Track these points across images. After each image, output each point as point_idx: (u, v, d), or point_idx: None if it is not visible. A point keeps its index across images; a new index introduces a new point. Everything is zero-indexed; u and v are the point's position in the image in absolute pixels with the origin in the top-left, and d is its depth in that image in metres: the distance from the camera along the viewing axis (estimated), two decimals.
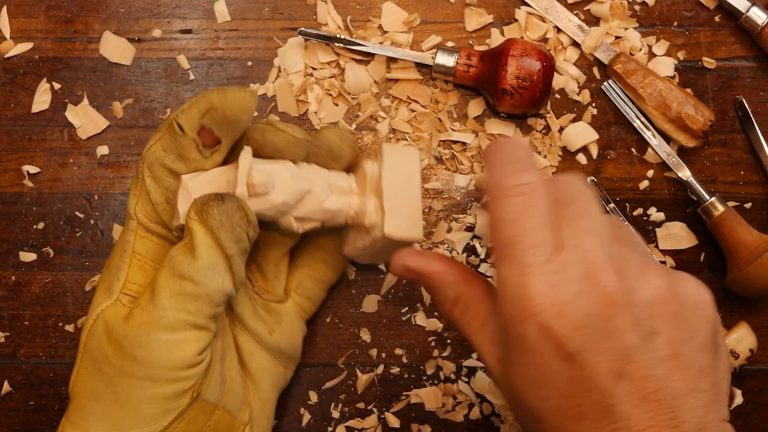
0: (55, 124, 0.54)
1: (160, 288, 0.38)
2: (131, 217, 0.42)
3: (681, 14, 0.55)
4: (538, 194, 0.35)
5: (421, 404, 0.52)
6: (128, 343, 0.38)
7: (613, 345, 0.33)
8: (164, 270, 0.39)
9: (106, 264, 0.43)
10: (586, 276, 0.33)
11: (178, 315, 0.38)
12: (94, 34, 0.55)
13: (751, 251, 0.50)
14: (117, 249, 0.42)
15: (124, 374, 0.38)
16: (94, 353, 0.39)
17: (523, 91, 0.50)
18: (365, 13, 0.55)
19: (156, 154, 0.42)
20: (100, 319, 0.40)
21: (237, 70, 0.54)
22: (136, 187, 0.42)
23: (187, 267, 0.38)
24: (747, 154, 0.54)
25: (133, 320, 0.39)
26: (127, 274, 0.41)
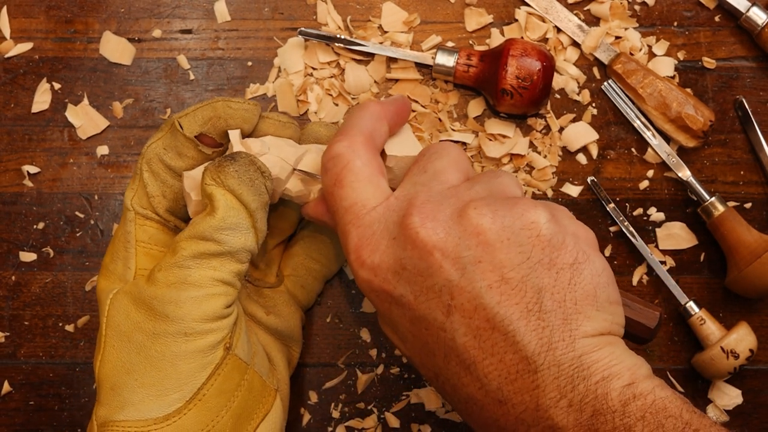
0: (55, 124, 0.54)
1: (182, 249, 0.39)
2: (128, 209, 0.43)
3: (681, 14, 0.55)
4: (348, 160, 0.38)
5: (421, 404, 0.52)
6: (158, 303, 0.39)
7: (435, 281, 0.34)
8: (184, 233, 0.39)
9: (107, 255, 0.43)
10: (399, 221, 0.35)
11: (204, 271, 0.39)
12: (94, 34, 0.55)
13: (751, 251, 0.49)
14: (119, 242, 0.43)
15: (156, 335, 0.39)
16: (121, 326, 0.40)
17: (523, 91, 0.50)
18: (365, 13, 0.55)
19: (156, 151, 0.43)
20: (120, 295, 0.40)
21: (237, 70, 0.54)
22: (134, 182, 0.43)
23: (208, 228, 0.39)
24: (747, 154, 0.54)
25: (158, 282, 0.39)
26: (136, 261, 0.42)
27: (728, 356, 0.49)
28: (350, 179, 0.38)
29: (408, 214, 0.35)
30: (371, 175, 0.38)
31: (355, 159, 0.38)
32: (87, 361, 0.52)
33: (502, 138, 0.53)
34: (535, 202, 0.35)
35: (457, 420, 0.52)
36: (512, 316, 0.32)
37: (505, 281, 0.33)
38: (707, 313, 0.51)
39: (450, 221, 0.34)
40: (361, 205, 0.37)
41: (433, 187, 0.37)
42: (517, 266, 0.33)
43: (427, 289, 0.34)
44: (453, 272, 0.33)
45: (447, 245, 0.34)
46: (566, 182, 0.53)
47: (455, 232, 0.34)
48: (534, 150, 0.54)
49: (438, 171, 0.38)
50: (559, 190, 0.53)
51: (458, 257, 0.33)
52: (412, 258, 0.34)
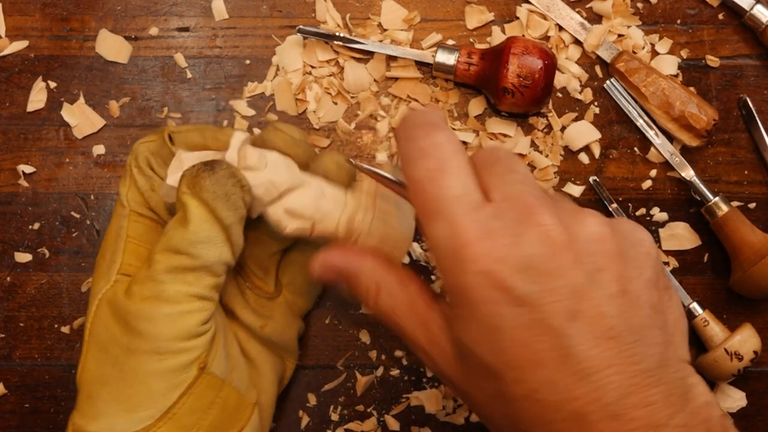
0: (51, 123, 0.53)
1: (157, 263, 0.38)
2: (122, 205, 0.42)
3: (684, 12, 0.55)
4: (454, 150, 0.35)
5: (422, 407, 0.52)
6: (132, 318, 0.38)
7: (562, 284, 0.31)
8: (159, 245, 0.39)
9: (100, 253, 0.43)
10: (522, 219, 0.32)
11: (178, 287, 0.38)
12: (90, 32, 0.54)
13: (756, 251, 0.49)
14: (110, 236, 0.43)
15: (130, 350, 0.38)
16: (101, 336, 0.39)
17: (524, 90, 0.49)
18: (365, 10, 0.54)
19: (144, 153, 0.43)
20: (103, 303, 0.40)
21: (235, 69, 0.54)
22: (125, 178, 0.43)
23: (182, 241, 0.38)
24: (751, 153, 0.54)
25: (133, 296, 0.38)
26: (122, 256, 0.41)
27: (732, 358, 0.49)
28: (457, 167, 0.34)
29: (535, 213, 0.32)
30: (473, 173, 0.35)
31: (459, 150, 0.35)
32: None
33: (504, 137, 0.53)
34: (634, 222, 0.36)
35: (457, 423, 0.51)
36: (632, 328, 0.32)
37: (625, 293, 0.32)
38: (711, 315, 0.51)
39: (572, 226, 0.33)
40: (473, 199, 0.34)
41: (534, 189, 0.34)
42: (634, 280, 0.33)
43: (552, 291, 0.32)
44: (580, 276, 0.32)
45: (575, 248, 0.32)
46: (568, 182, 0.53)
47: (581, 237, 0.33)
48: (535, 149, 0.53)
49: (526, 173, 0.35)
50: (560, 189, 0.53)
51: (584, 262, 0.32)
52: (542, 256, 0.32)
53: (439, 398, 0.51)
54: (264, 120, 0.53)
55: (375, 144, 0.53)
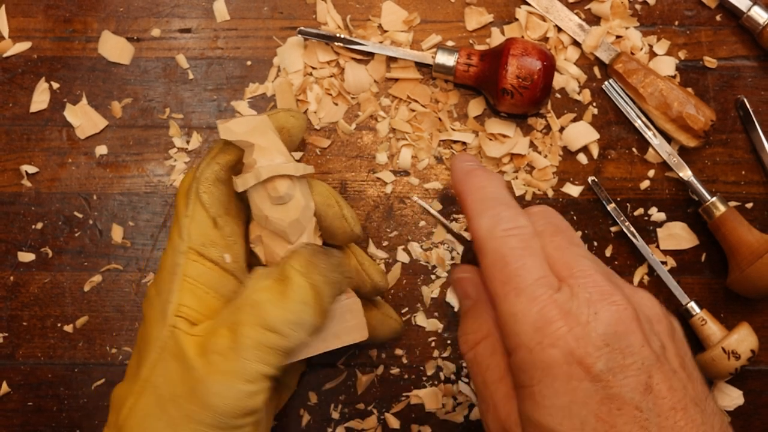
0: (54, 123, 0.53)
1: (245, 338, 0.37)
2: (181, 238, 0.40)
3: (682, 13, 0.55)
4: (533, 234, 0.37)
5: (421, 405, 0.52)
6: (203, 389, 0.37)
7: (636, 360, 0.34)
8: (249, 316, 0.37)
9: (154, 283, 0.40)
10: (597, 299, 0.35)
11: (260, 367, 0.37)
12: (92, 34, 0.54)
13: (753, 251, 0.49)
14: (164, 270, 0.40)
15: (190, 418, 0.37)
16: (162, 389, 0.38)
17: (523, 91, 0.50)
18: (365, 12, 0.55)
19: (208, 181, 0.40)
20: (168, 355, 0.38)
21: (236, 70, 0.54)
22: (187, 208, 0.40)
23: (277, 319, 0.37)
24: (748, 153, 0.54)
25: (212, 366, 0.37)
26: (178, 296, 0.39)
27: (729, 357, 0.49)
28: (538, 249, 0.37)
29: (606, 293, 0.35)
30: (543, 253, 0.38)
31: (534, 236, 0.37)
32: (86, 362, 0.52)
33: (503, 138, 0.53)
34: None
35: (457, 421, 0.52)
36: (697, 398, 0.34)
37: (684, 367, 0.35)
38: (708, 314, 0.51)
39: (635, 306, 0.36)
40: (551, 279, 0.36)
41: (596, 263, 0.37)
42: (685, 355, 0.36)
43: (626, 367, 0.34)
44: (650, 353, 0.34)
45: (643, 327, 0.35)
46: (567, 182, 0.53)
47: (644, 317, 0.36)
48: (534, 150, 0.53)
49: (579, 243, 0.39)
50: (559, 190, 0.53)
51: (651, 340, 0.35)
52: (616, 334, 0.34)
53: (439, 396, 0.52)
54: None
55: (375, 144, 0.54)
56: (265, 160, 0.40)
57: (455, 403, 0.52)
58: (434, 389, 0.52)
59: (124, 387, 0.39)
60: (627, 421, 0.33)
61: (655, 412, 0.33)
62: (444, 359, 0.52)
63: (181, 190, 0.41)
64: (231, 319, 0.38)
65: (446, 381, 0.52)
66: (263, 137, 0.40)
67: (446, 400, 0.52)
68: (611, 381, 0.33)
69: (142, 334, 0.40)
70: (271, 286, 0.38)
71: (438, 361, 0.52)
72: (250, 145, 0.40)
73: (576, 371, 0.34)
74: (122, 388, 0.39)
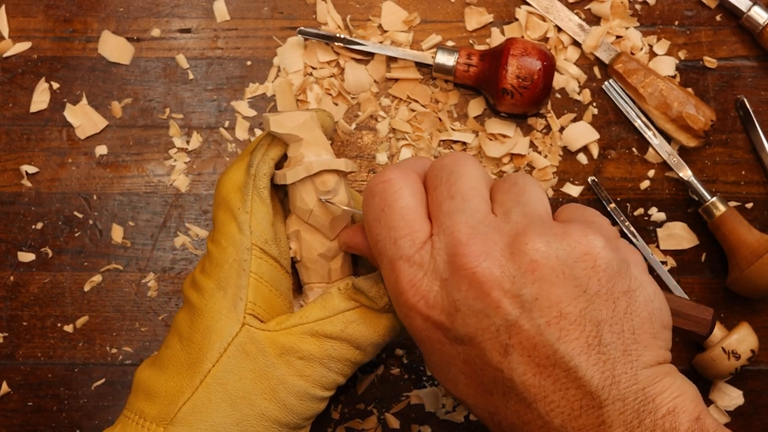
0: (54, 123, 0.53)
1: (333, 350, 0.39)
2: (243, 233, 0.40)
3: (682, 13, 0.55)
4: (399, 186, 0.36)
5: (422, 405, 0.52)
6: (284, 390, 0.38)
7: (493, 321, 0.33)
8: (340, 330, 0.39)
9: (213, 278, 0.40)
10: (451, 260, 0.34)
11: (338, 378, 0.40)
12: (92, 34, 0.54)
13: (753, 251, 0.49)
14: (227, 264, 0.40)
15: (264, 417, 0.38)
16: (231, 386, 0.38)
17: (523, 91, 0.50)
18: (365, 12, 0.55)
19: (265, 175, 0.41)
20: (239, 352, 0.38)
21: (236, 70, 0.54)
22: (245, 204, 0.40)
23: (368, 341, 0.40)
24: (748, 153, 0.54)
25: (294, 369, 0.38)
26: (248, 293, 0.39)
27: (729, 357, 0.49)
28: (400, 206, 0.36)
29: (460, 253, 0.33)
30: (420, 207, 0.36)
31: (406, 187, 0.36)
32: (86, 362, 0.52)
33: (503, 138, 0.53)
34: (586, 227, 0.34)
35: (457, 421, 0.52)
36: (573, 351, 0.32)
37: (564, 316, 0.32)
38: None
39: (503, 257, 0.33)
40: (411, 240, 0.35)
41: (470, 216, 0.35)
42: (574, 300, 0.32)
43: (483, 330, 0.33)
44: (511, 311, 0.32)
45: (504, 283, 0.33)
46: (567, 182, 0.53)
47: (510, 269, 0.33)
48: (534, 150, 0.53)
49: (465, 195, 0.36)
50: (559, 190, 0.53)
51: (515, 295, 0.32)
52: (468, 298, 0.33)
53: (439, 396, 0.52)
54: None
55: (375, 144, 0.54)
56: (312, 155, 0.41)
57: (455, 403, 0.52)
58: (434, 389, 0.52)
59: (172, 378, 0.38)
60: (492, 379, 0.33)
61: (518, 371, 0.32)
62: None
63: (232, 186, 0.41)
64: (316, 329, 0.39)
65: None
66: (311, 133, 0.41)
67: (446, 400, 0.52)
68: (470, 343, 0.33)
69: (199, 325, 0.39)
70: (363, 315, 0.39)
71: None
72: (298, 139, 0.41)
73: (436, 335, 0.35)
74: (169, 379, 0.38)
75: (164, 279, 0.52)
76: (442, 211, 0.35)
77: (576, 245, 0.33)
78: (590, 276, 0.33)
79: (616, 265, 0.33)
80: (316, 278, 0.43)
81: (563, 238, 0.33)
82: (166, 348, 0.40)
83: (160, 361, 0.39)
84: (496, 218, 0.35)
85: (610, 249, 0.33)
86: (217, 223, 0.41)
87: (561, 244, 0.33)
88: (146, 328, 0.52)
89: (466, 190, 0.36)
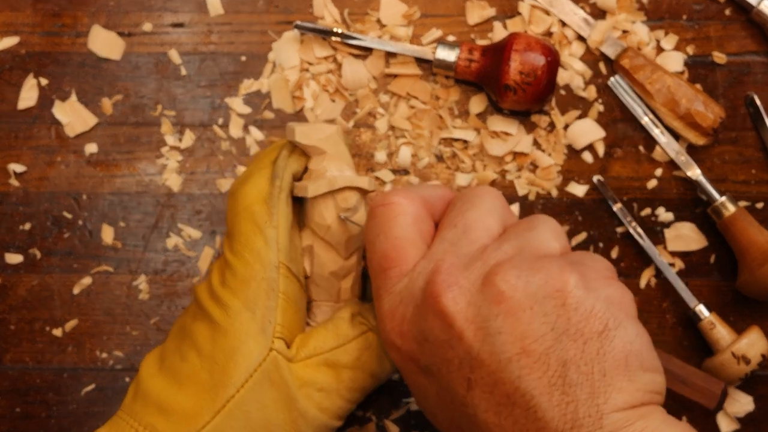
0: (42, 121, 0.52)
1: (350, 380, 0.39)
2: (271, 250, 0.39)
3: (690, 7, 0.54)
4: (398, 213, 0.36)
5: (421, 412, 0.51)
6: (304, 423, 0.38)
7: (455, 354, 0.32)
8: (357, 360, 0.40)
9: (240, 298, 0.39)
10: (425, 287, 0.34)
11: (352, 406, 0.41)
12: (82, 28, 0.53)
13: (763, 252, 0.48)
14: (254, 282, 0.39)
15: None
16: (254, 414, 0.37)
17: (526, 87, 0.49)
18: (363, 6, 0.54)
19: (292, 177, 0.41)
20: (266, 381, 0.38)
21: (230, 65, 0.53)
22: (273, 218, 0.39)
23: (384, 372, 0.41)
24: (758, 152, 0.53)
25: (312, 401, 0.39)
26: (277, 316, 0.39)
27: (739, 361, 0.48)
28: (395, 236, 0.36)
29: (432, 282, 0.33)
30: (417, 238, 0.36)
31: (406, 215, 0.36)
32: (75, 367, 0.51)
33: (505, 135, 0.52)
34: (565, 263, 0.33)
35: None
36: (534, 390, 0.30)
37: (527, 353, 0.31)
38: (717, 317, 0.50)
39: (473, 288, 0.33)
40: (398, 269, 0.35)
41: (462, 247, 0.34)
42: (540, 337, 0.31)
43: (448, 362, 0.32)
44: (473, 344, 0.32)
45: (468, 315, 0.32)
46: (571, 181, 0.52)
47: (477, 301, 0.32)
48: (538, 148, 0.53)
49: (469, 225, 0.35)
50: (564, 189, 0.52)
51: (479, 328, 0.32)
52: (434, 329, 0.33)
53: None
54: (260, 118, 0.53)
55: (374, 142, 0.53)
56: (336, 170, 0.40)
57: None
58: None
59: (191, 397, 0.37)
60: (460, 414, 0.33)
61: (481, 407, 0.32)
62: None
63: (257, 196, 0.40)
64: (332, 359, 0.39)
65: None
66: (335, 147, 0.41)
67: None
68: (436, 375, 0.33)
69: (223, 345, 0.38)
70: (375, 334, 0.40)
71: None
72: (322, 152, 0.41)
73: (410, 366, 0.35)
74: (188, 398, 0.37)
75: (156, 281, 0.52)
76: (439, 237, 0.35)
77: (549, 280, 0.32)
78: (560, 314, 0.32)
79: (590, 303, 0.32)
80: (324, 296, 0.42)
81: (537, 272, 0.32)
82: (183, 361, 0.39)
83: (176, 375, 0.38)
84: (485, 250, 0.34)
85: (584, 288, 0.32)
86: (238, 234, 0.40)
87: (534, 279, 0.32)
88: (137, 332, 0.51)
89: (472, 221, 0.35)
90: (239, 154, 0.52)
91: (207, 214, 0.52)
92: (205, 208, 0.52)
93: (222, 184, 0.52)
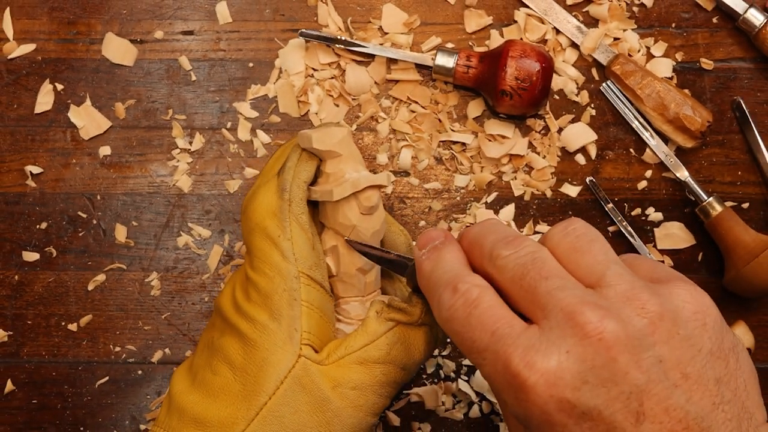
0: (58, 124, 0.54)
1: (382, 375, 0.39)
2: (289, 262, 0.39)
3: (679, 15, 0.55)
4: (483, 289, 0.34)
5: (421, 403, 0.52)
6: (339, 423, 0.38)
7: (622, 389, 0.31)
8: (385, 354, 0.39)
9: (265, 309, 0.39)
10: (568, 331, 0.32)
11: (387, 401, 0.40)
12: (96, 36, 0.55)
13: (749, 251, 0.50)
14: (276, 294, 0.39)
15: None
16: (287, 419, 0.38)
17: (522, 92, 0.50)
18: (365, 14, 0.55)
19: (303, 188, 0.41)
20: (297, 386, 0.38)
21: (238, 72, 0.54)
22: (285, 230, 0.40)
23: (413, 363, 0.40)
24: (744, 154, 0.54)
25: (347, 400, 0.38)
26: (303, 323, 0.39)
27: None
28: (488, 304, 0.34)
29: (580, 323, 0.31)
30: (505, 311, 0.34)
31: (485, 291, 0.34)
32: (89, 360, 0.52)
33: (502, 138, 0.54)
34: (686, 284, 0.33)
35: (456, 418, 0.52)
36: (702, 411, 0.31)
37: (687, 377, 0.31)
38: None
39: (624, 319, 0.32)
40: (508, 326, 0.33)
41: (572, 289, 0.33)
42: (691, 360, 0.31)
43: (613, 399, 0.31)
44: (639, 376, 0.31)
45: (630, 347, 0.31)
46: (565, 182, 0.54)
47: (631, 331, 0.31)
48: (533, 150, 0.54)
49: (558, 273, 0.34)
50: (558, 190, 0.54)
51: (641, 359, 0.31)
52: (595, 367, 0.31)
53: (439, 394, 0.52)
54: (267, 121, 0.54)
55: (376, 145, 0.54)
56: (352, 171, 0.41)
57: (455, 400, 0.52)
58: (434, 387, 0.52)
59: (225, 408, 0.38)
60: None
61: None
62: (444, 357, 0.53)
63: (266, 211, 0.40)
64: (363, 356, 0.39)
65: (446, 379, 0.52)
66: (348, 148, 0.41)
67: (446, 398, 0.52)
68: (599, 417, 0.31)
69: (254, 357, 0.39)
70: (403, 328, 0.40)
71: (438, 358, 0.53)
72: (337, 155, 0.41)
73: (560, 418, 0.32)
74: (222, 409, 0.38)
75: (167, 278, 0.53)
76: (540, 293, 0.33)
77: (685, 304, 0.32)
78: (702, 334, 0.32)
79: (721, 322, 0.33)
80: (352, 292, 0.43)
81: (671, 298, 0.33)
82: (215, 375, 0.39)
83: (210, 389, 0.39)
84: (593, 289, 0.33)
85: (715, 306, 0.33)
86: (255, 251, 0.40)
87: (671, 305, 0.32)
88: (149, 326, 0.53)
89: (557, 269, 0.34)
90: (247, 156, 0.54)
91: (216, 214, 0.53)
92: (215, 208, 0.53)
93: (230, 185, 0.53)
